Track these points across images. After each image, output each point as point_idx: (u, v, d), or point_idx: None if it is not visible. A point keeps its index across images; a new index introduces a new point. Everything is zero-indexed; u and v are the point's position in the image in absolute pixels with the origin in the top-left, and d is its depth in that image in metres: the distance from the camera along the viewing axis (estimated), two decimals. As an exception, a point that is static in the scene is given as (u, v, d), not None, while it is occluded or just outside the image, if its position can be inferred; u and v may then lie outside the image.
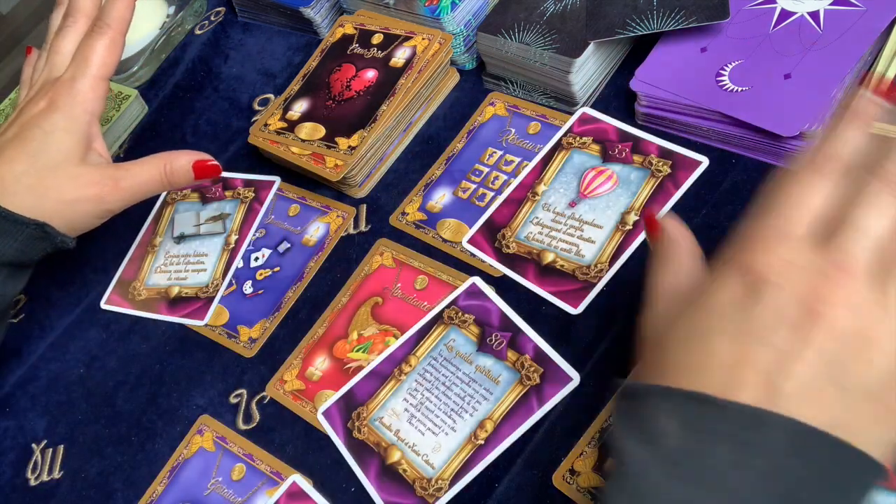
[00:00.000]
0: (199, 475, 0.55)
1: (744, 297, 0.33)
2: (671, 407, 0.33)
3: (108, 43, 0.57)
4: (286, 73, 0.74)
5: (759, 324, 0.33)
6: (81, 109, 0.56)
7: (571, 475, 0.46)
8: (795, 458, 0.31)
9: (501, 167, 0.59)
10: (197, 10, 0.82)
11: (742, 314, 0.33)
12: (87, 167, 0.56)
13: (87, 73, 0.57)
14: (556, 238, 0.54)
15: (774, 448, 0.31)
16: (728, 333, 0.33)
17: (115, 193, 0.56)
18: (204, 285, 0.64)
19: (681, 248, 0.40)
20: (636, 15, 0.55)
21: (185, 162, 0.58)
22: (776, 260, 0.33)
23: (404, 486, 0.49)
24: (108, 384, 0.62)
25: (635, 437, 0.34)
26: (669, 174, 0.54)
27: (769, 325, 0.32)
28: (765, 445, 0.31)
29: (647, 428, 0.33)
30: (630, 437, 0.34)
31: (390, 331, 0.55)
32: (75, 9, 0.60)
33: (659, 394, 0.34)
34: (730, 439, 0.31)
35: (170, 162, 0.58)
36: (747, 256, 0.34)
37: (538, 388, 0.49)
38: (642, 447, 0.33)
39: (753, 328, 0.33)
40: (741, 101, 0.51)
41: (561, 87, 0.59)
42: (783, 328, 0.32)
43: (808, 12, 0.53)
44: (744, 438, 0.31)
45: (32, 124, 0.55)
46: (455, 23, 0.64)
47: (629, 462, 0.33)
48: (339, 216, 0.63)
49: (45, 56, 0.61)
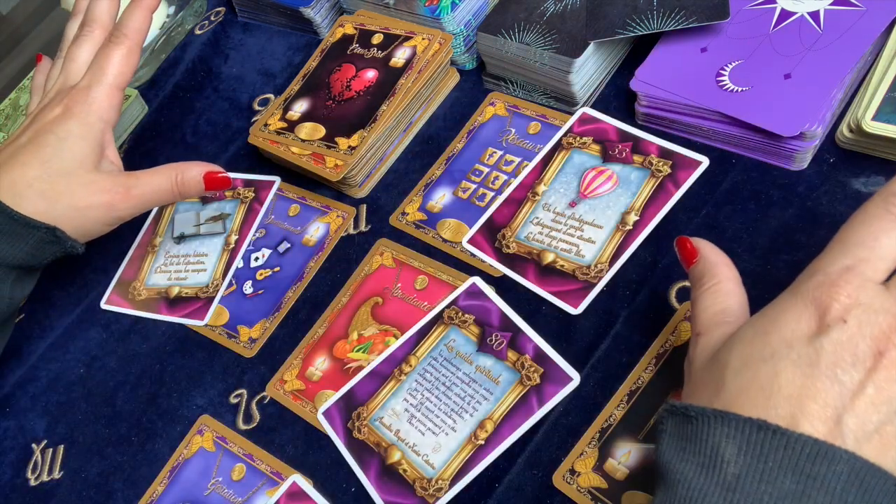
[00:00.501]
0: (200, 475, 0.55)
1: (815, 332, 0.34)
2: (733, 433, 0.33)
3: (125, 53, 0.58)
4: (286, 73, 0.74)
5: (828, 359, 0.33)
6: (96, 117, 0.56)
7: (571, 475, 0.46)
8: (855, 495, 0.31)
9: (501, 167, 0.59)
10: (197, 10, 0.82)
11: (811, 348, 0.34)
12: (99, 174, 0.56)
13: (102, 82, 0.57)
14: (557, 238, 0.54)
15: (836, 483, 0.31)
16: (795, 365, 0.34)
17: (125, 201, 0.57)
18: (204, 285, 0.64)
19: (723, 273, 0.41)
20: (636, 15, 0.55)
21: (196, 173, 0.59)
22: (851, 301, 0.34)
23: (404, 486, 0.49)
24: (108, 384, 0.62)
25: (691, 460, 0.34)
26: (669, 174, 0.54)
27: (838, 362, 0.33)
28: (827, 480, 0.31)
29: (705, 452, 0.33)
30: (686, 461, 0.34)
31: (390, 331, 0.55)
32: (92, 19, 0.60)
33: (720, 418, 0.34)
34: (794, 470, 0.32)
35: (181, 172, 0.58)
36: (823, 294, 0.35)
37: (538, 388, 0.49)
38: (699, 471, 0.33)
39: (822, 362, 0.33)
40: (741, 101, 0.51)
41: (561, 87, 0.59)
42: (850, 366, 0.33)
43: (808, 12, 0.53)
44: (808, 471, 0.31)
45: (47, 130, 0.56)
46: (455, 23, 0.64)
47: (685, 486, 0.33)
48: (339, 216, 0.63)
49: (59, 64, 0.61)
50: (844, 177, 0.50)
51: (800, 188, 0.50)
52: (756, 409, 0.33)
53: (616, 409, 0.47)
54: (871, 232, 0.36)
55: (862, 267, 0.35)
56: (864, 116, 0.48)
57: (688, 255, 0.43)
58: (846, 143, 0.50)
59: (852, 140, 0.50)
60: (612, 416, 0.47)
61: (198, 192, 0.59)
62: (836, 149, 0.51)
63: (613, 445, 0.46)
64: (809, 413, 0.32)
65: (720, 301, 0.40)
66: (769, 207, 0.50)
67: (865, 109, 0.48)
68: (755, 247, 0.49)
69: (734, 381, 0.35)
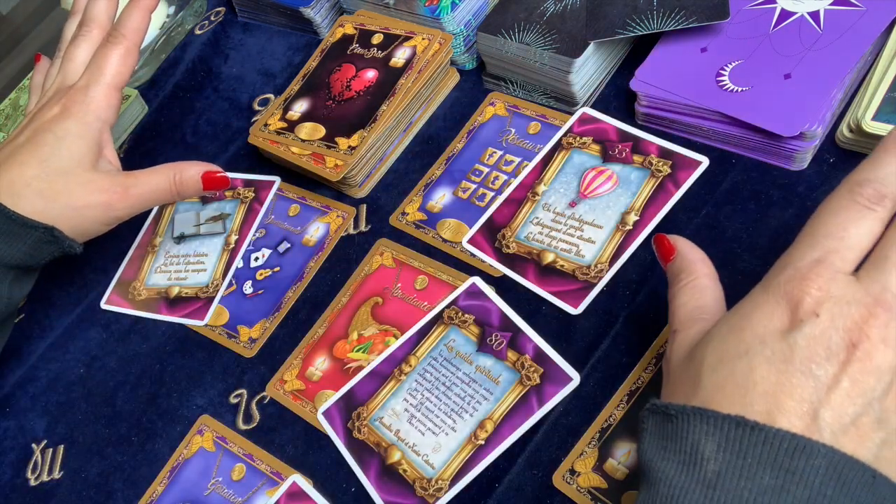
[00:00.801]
0: (200, 475, 0.55)
1: (788, 327, 0.34)
2: (712, 430, 0.33)
3: (123, 52, 0.58)
4: (286, 73, 0.74)
5: (802, 354, 0.33)
6: (94, 116, 0.56)
7: (571, 475, 0.46)
8: (834, 489, 0.31)
9: (501, 167, 0.59)
10: (197, 10, 0.82)
11: (785, 343, 0.34)
12: (97, 174, 0.56)
13: (101, 82, 0.57)
14: (557, 238, 0.54)
15: (815, 477, 0.31)
16: (770, 361, 0.34)
17: (123, 201, 0.57)
18: (204, 285, 0.64)
19: (699, 269, 0.41)
20: (636, 15, 0.55)
21: (194, 173, 0.59)
22: (822, 294, 0.34)
23: (404, 486, 0.49)
24: (108, 384, 0.62)
25: (672, 458, 0.34)
26: (669, 174, 0.54)
27: (812, 356, 0.33)
28: (806, 474, 0.31)
29: (685, 450, 0.34)
30: (666, 458, 0.34)
31: (390, 331, 0.55)
32: (90, 18, 0.60)
33: (699, 416, 0.34)
34: (773, 466, 0.32)
35: (179, 172, 0.58)
36: (794, 288, 0.35)
37: (538, 388, 0.49)
38: (680, 469, 0.33)
39: (796, 358, 0.33)
40: (741, 101, 0.51)
41: (561, 87, 0.59)
42: (824, 360, 0.33)
43: (808, 12, 0.53)
44: (786, 466, 0.32)
45: (45, 129, 0.56)
46: (455, 23, 0.64)
47: (666, 484, 0.33)
48: (339, 216, 0.63)
49: (58, 64, 0.61)
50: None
51: (800, 188, 0.50)
52: (733, 406, 0.34)
53: (616, 409, 0.47)
54: (839, 223, 0.36)
55: (832, 258, 0.35)
56: (864, 116, 0.48)
57: (665, 252, 0.43)
58: (846, 143, 0.50)
59: (852, 140, 0.50)
60: (612, 416, 0.47)
61: (196, 191, 0.59)
62: (836, 149, 0.51)
63: (613, 445, 0.46)
64: (786, 409, 0.33)
65: (696, 298, 0.40)
66: (769, 207, 0.50)
67: (865, 109, 0.48)
68: (755, 247, 0.49)
69: (711, 379, 0.35)
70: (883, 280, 0.34)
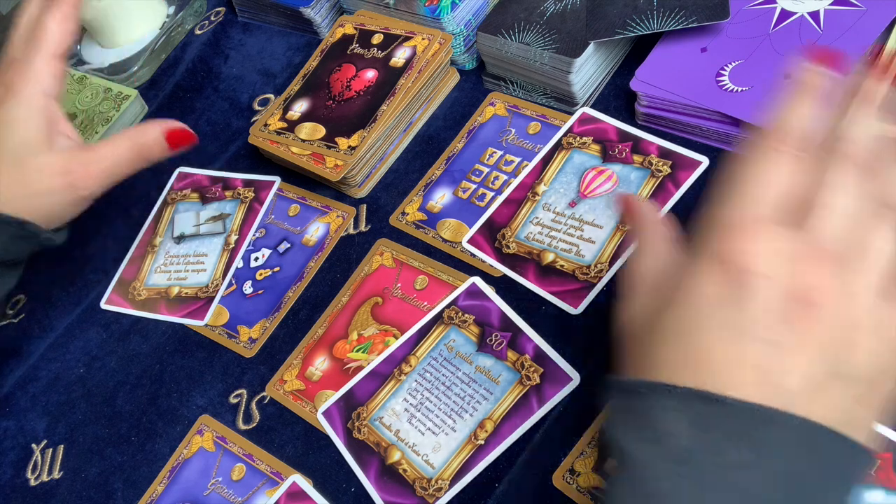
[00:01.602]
0: (199, 475, 0.55)
1: (729, 290, 0.32)
2: (676, 405, 0.32)
3: (60, 18, 0.55)
4: (286, 73, 0.74)
5: (749, 319, 0.31)
6: (37, 92, 0.54)
7: (571, 475, 0.46)
8: (804, 455, 0.30)
9: (501, 167, 0.59)
10: (197, 10, 0.82)
11: (730, 309, 0.32)
12: (53, 155, 0.54)
13: (41, 51, 0.54)
14: (557, 238, 0.54)
15: (784, 446, 0.30)
16: (719, 330, 0.32)
17: (86, 179, 0.54)
18: (204, 285, 0.64)
19: (655, 232, 0.39)
20: (636, 15, 0.55)
21: (156, 133, 0.56)
22: (753, 247, 0.32)
23: (404, 486, 0.49)
24: (108, 384, 0.62)
25: (638, 436, 0.32)
26: (669, 174, 0.54)
27: (760, 320, 0.31)
28: (776, 444, 0.30)
29: (651, 426, 0.32)
30: (633, 437, 0.33)
31: (390, 331, 0.55)
32: None
33: (662, 391, 0.32)
34: (742, 438, 0.30)
35: (140, 136, 0.56)
36: (724, 246, 0.33)
37: (538, 388, 0.49)
38: (648, 446, 0.32)
39: (745, 324, 0.31)
40: (741, 101, 0.51)
41: (561, 87, 0.59)
42: (775, 322, 0.31)
43: (808, 12, 0.53)
44: (756, 437, 0.30)
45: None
46: (455, 23, 0.64)
47: (635, 463, 0.32)
48: (339, 216, 0.63)
49: None
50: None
51: (800, 188, 0.50)
52: (693, 380, 0.32)
53: (616, 409, 0.47)
54: (753, 170, 0.34)
55: (751, 207, 0.33)
56: (864, 116, 0.48)
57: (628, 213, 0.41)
58: (846, 143, 0.50)
59: (852, 140, 0.49)
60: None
61: (162, 151, 0.56)
62: (836, 149, 0.51)
63: (613, 445, 0.46)
64: (743, 379, 0.31)
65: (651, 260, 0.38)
66: (769, 207, 0.50)
67: (865, 109, 0.48)
68: (755, 247, 0.49)
69: (666, 353, 0.33)
70: (813, 225, 0.32)
